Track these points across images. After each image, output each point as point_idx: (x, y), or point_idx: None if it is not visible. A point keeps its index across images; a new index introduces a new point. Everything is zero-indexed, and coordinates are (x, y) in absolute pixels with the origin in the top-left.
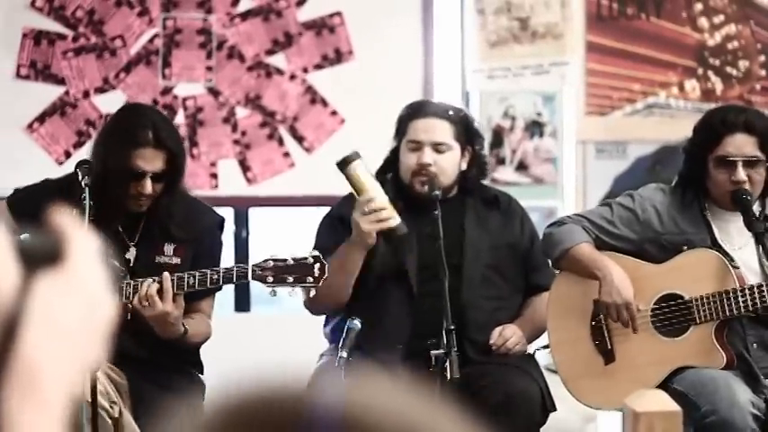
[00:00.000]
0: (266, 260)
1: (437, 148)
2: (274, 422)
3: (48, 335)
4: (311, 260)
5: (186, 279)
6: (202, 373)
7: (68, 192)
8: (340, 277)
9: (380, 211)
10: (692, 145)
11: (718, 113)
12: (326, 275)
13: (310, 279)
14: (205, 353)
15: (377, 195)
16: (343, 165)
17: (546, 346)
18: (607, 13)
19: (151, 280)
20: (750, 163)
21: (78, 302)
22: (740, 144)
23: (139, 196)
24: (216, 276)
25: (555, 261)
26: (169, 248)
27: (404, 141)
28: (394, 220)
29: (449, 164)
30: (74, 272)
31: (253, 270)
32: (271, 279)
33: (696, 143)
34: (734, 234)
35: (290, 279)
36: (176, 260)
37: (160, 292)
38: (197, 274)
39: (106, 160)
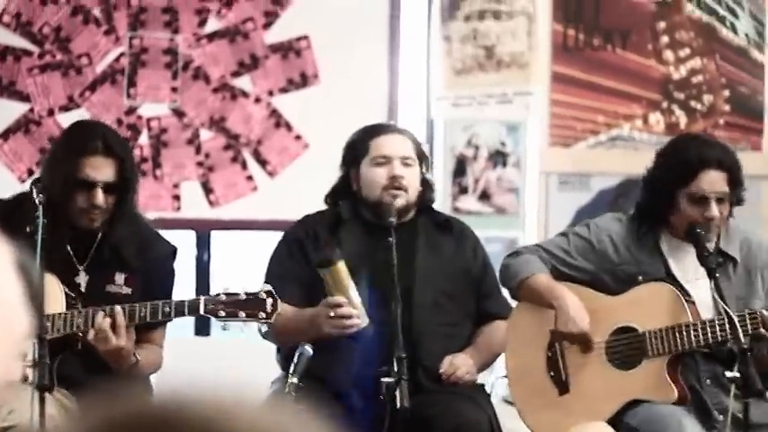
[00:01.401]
0: (218, 294)
1: (405, 161)
2: None
3: None
4: (264, 295)
5: (138, 310)
6: None
7: (18, 211)
8: (294, 336)
9: (348, 319)
10: (661, 177)
11: (692, 148)
12: (279, 311)
13: (262, 314)
14: (162, 377)
15: (351, 298)
16: (326, 265)
17: (504, 376)
18: (573, 44)
19: (103, 314)
20: (720, 199)
21: None
22: (714, 181)
23: (91, 209)
24: (168, 309)
25: (512, 291)
26: (120, 278)
27: (366, 160)
28: (361, 322)
29: (415, 179)
30: None
31: (205, 304)
32: (223, 314)
33: (667, 177)
34: (689, 266)
35: (243, 314)
36: (127, 290)
37: (113, 326)
38: (149, 305)
39: (55, 173)
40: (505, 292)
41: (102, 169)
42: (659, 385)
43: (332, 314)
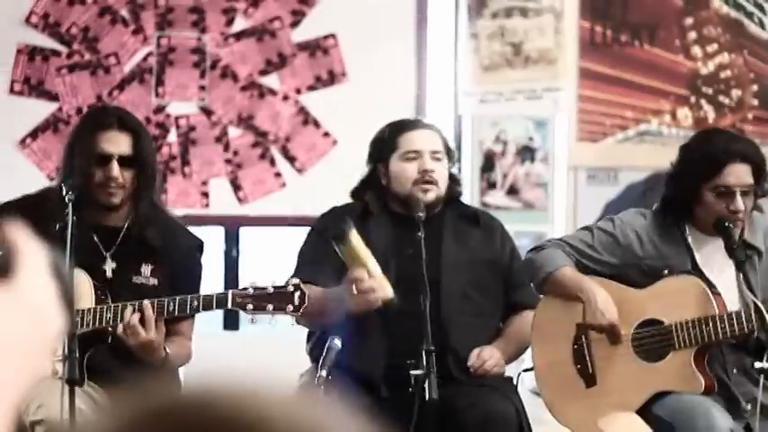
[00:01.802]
0: (246, 288)
1: (435, 156)
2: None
3: None
4: (291, 288)
5: (166, 305)
6: None
7: (43, 206)
8: (323, 318)
9: (372, 292)
10: (686, 172)
11: (717, 141)
12: (307, 304)
13: (290, 307)
14: (192, 371)
15: (371, 270)
16: (340, 237)
17: (530, 369)
18: (600, 40)
19: (131, 309)
20: (745, 192)
21: (24, 315)
22: (739, 173)
23: (108, 182)
24: (196, 303)
25: (538, 286)
26: (146, 269)
27: (396, 156)
28: (385, 293)
29: (444, 173)
30: (21, 286)
31: (233, 297)
32: (251, 307)
33: (692, 171)
34: (715, 259)
35: (270, 307)
36: (153, 281)
37: (142, 320)
38: (177, 299)
39: (74, 154)
40: None
41: (116, 142)
42: (687, 376)
43: (354, 290)
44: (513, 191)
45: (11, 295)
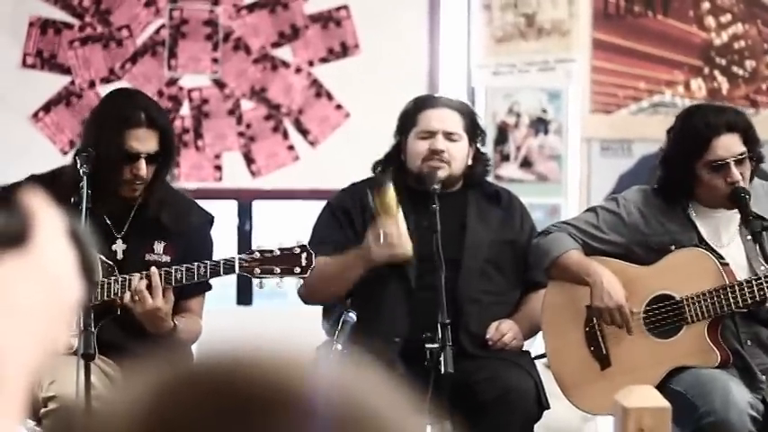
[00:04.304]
0: (252, 252)
1: (449, 136)
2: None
3: (8, 316)
4: (298, 250)
5: (174, 273)
6: None
7: (54, 184)
8: (339, 282)
9: (396, 245)
10: (676, 153)
11: (700, 117)
12: (314, 265)
13: (297, 269)
14: (204, 347)
15: (399, 223)
16: (379, 186)
17: (542, 355)
18: (614, 11)
19: (139, 276)
20: (739, 161)
21: (41, 284)
22: (728, 144)
23: (134, 180)
24: (203, 270)
25: (545, 271)
26: (159, 246)
27: (413, 132)
28: (407, 249)
29: (460, 153)
30: (38, 254)
31: (240, 262)
32: (258, 271)
33: (682, 151)
34: (720, 231)
35: (278, 270)
36: (166, 258)
37: (149, 287)
38: (185, 267)
39: (99, 143)
40: None
41: (145, 141)
42: (701, 350)
43: (382, 239)
44: (526, 163)
45: (28, 262)
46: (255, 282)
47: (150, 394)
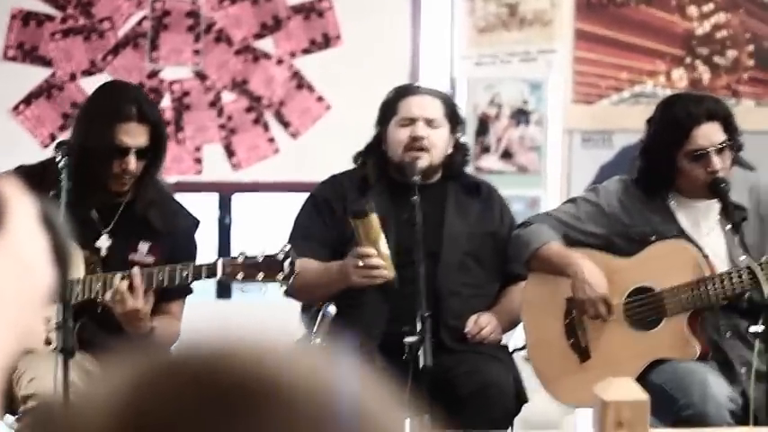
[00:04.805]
0: (236, 257)
1: (430, 123)
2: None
3: None
4: (281, 256)
5: (156, 275)
6: None
7: (43, 177)
8: (320, 291)
9: (375, 269)
10: (656, 144)
11: (680, 107)
12: (297, 272)
13: (280, 276)
14: (184, 340)
15: (380, 250)
16: (360, 215)
17: (522, 348)
18: (596, 1)
19: (120, 275)
20: (720, 150)
21: (12, 270)
22: (708, 133)
23: (123, 174)
24: (186, 273)
25: (525, 263)
26: (144, 246)
27: (394, 120)
28: (389, 273)
29: (440, 140)
30: (10, 240)
31: (223, 267)
32: (241, 276)
33: (662, 141)
34: (700, 221)
35: (261, 276)
36: (150, 259)
37: (130, 288)
38: (167, 269)
39: (89, 137)
40: None
41: (135, 136)
42: (681, 343)
43: (360, 264)
44: (507, 154)
45: None
46: (238, 286)
47: (129, 386)
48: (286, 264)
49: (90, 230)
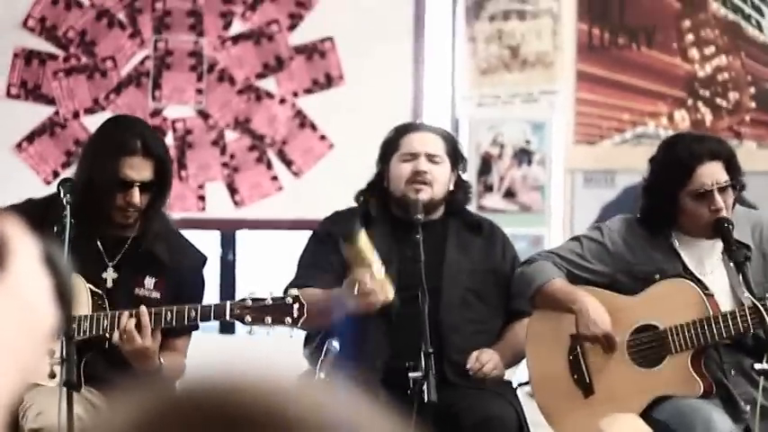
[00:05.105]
0: (244, 299)
1: (432, 158)
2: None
3: None
4: (290, 300)
5: (164, 314)
6: None
7: (49, 210)
8: (320, 319)
9: (372, 294)
10: (659, 183)
11: (682, 146)
12: (305, 316)
13: (289, 320)
14: (188, 375)
15: (374, 273)
16: (349, 238)
17: (526, 383)
18: (598, 43)
19: (128, 314)
20: (722, 188)
21: (14, 310)
22: (711, 172)
23: (127, 207)
24: (194, 313)
25: (529, 299)
26: (150, 282)
27: (396, 156)
28: (387, 296)
29: (442, 176)
30: (12, 281)
31: (231, 309)
32: (249, 319)
33: (665, 180)
34: (703, 259)
35: (269, 320)
36: (156, 294)
37: (138, 326)
38: (175, 309)
39: (93, 170)
40: None
41: (140, 170)
42: (684, 380)
43: (356, 291)
44: (509, 194)
45: (1, 289)
46: (245, 328)
47: (135, 420)
48: (295, 308)
49: (95, 264)
